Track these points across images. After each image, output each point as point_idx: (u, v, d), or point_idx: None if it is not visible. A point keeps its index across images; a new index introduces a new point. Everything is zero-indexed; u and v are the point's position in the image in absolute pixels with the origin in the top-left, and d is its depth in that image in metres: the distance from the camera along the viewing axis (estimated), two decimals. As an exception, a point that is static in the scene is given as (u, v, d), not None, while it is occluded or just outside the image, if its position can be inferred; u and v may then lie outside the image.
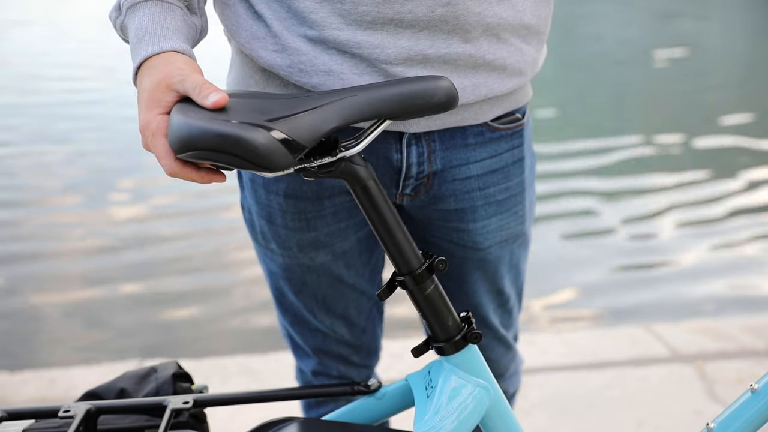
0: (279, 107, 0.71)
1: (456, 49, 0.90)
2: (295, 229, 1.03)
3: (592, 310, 2.90)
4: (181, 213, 3.98)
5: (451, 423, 0.79)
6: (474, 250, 1.07)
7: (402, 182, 0.99)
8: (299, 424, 0.85)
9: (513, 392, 1.34)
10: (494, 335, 1.19)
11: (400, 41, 0.88)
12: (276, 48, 0.91)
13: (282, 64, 0.91)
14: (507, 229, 1.08)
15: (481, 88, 0.94)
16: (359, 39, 0.88)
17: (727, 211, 3.67)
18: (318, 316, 1.15)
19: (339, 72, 0.89)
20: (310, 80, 0.90)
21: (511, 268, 1.14)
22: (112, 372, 2.02)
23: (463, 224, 1.05)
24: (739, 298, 2.95)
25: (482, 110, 0.98)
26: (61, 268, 3.39)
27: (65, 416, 0.85)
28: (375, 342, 1.24)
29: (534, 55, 1.00)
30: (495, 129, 1.01)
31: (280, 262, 1.09)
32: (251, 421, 0.90)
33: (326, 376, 1.23)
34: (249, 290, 3.09)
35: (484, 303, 1.14)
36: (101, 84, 6.44)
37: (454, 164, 1.00)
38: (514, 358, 1.28)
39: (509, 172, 1.05)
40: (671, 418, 1.98)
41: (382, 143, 0.96)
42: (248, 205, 1.09)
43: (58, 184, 4.41)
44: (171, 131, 0.71)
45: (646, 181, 4.18)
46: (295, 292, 1.13)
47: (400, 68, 0.89)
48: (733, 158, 4.48)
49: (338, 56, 0.89)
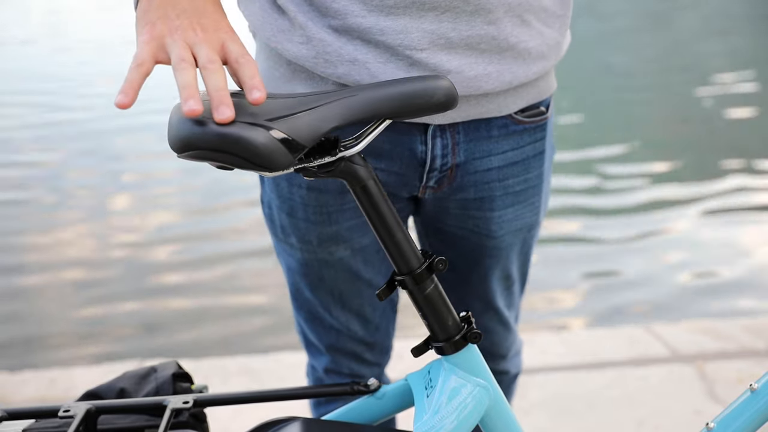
0: (279, 107, 0.71)
1: (479, 31, 0.90)
2: (316, 223, 1.03)
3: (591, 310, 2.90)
4: (182, 213, 3.98)
5: (450, 422, 0.79)
6: (488, 238, 1.09)
7: (426, 174, 1.00)
8: (299, 423, 0.85)
9: (515, 373, 1.36)
10: (499, 319, 1.22)
11: (422, 25, 0.89)
12: (301, 40, 0.92)
13: (308, 55, 0.92)
14: (522, 219, 1.09)
15: (505, 74, 0.94)
16: (382, 25, 0.88)
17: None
18: (333, 312, 1.15)
19: (364, 61, 0.90)
20: (336, 70, 0.91)
21: (521, 254, 1.16)
22: (112, 372, 2.02)
23: (480, 212, 1.06)
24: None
25: (506, 102, 0.99)
26: (61, 267, 3.39)
27: (65, 416, 0.85)
28: (388, 340, 1.25)
29: (557, 38, 1.00)
30: (519, 122, 1.02)
31: (298, 257, 1.10)
32: (251, 421, 0.90)
33: (338, 374, 1.24)
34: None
35: (493, 287, 1.16)
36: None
37: (477, 156, 1.01)
38: (515, 340, 1.31)
39: (529, 165, 1.06)
40: (671, 418, 1.98)
41: (408, 135, 0.97)
42: (268, 200, 1.10)
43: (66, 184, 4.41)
44: (170, 130, 0.71)
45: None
46: (311, 288, 1.13)
47: (424, 54, 0.89)
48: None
49: (363, 45, 0.90)
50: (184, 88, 0.69)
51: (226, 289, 3.16)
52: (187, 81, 0.70)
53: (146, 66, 0.72)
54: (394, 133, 0.96)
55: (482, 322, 1.22)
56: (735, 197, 3.88)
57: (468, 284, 1.17)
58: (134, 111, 0.86)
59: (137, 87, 0.71)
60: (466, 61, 0.91)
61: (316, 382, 1.29)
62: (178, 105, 0.73)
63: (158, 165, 4.63)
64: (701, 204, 3.79)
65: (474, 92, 0.93)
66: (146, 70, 0.72)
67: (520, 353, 1.36)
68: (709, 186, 4.02)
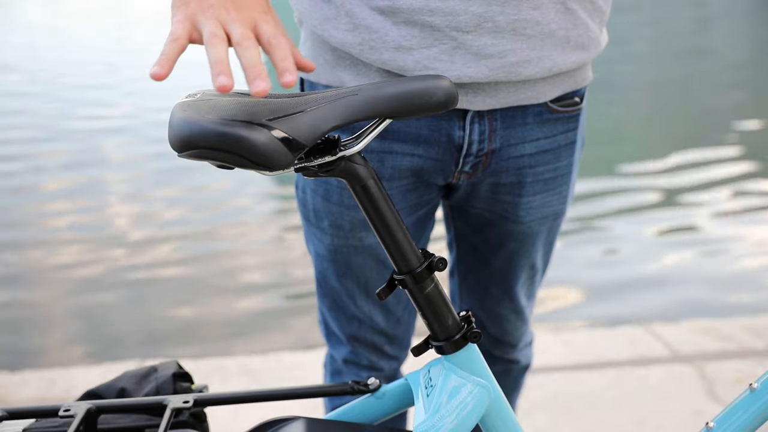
0: (279, 106, 0.71)
1: (525, 15, 0.92)
2: (350, 207, 1.05)
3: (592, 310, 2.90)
4: (182, 209, 3.98)
5: (450, 422, 0.79)
6: (515, 223, 1.10)
7: (462, 159, 1.01)
8: (299, 423, 0.85)
9: (525, 365, 1.37)
10: (514, 307, 1.23)
11: (471, 7, 0.90)
12: (348, 27, 0.94)
13: (353, 42, 0.94)
14: (549, 206, 1.11)
15: (545, 60, 0.95)
16: (432, 6, 0.90)
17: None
18: (358, 301, 1.16)
19: (408, 47, 0.92)
20: (381, 56, 0.93)
21: (546, 243, 1.17)
22: (112, 372, 2.03)
23: (509, 197, 1.07)
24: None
25: (544, 89, 1.00)
26: (61, 266, 3.39)
27: (65, 416, 0.85)
28: (408, 334, 1.26)
29: (597, 32, 1.01)
30: (554, 111, 1.03)
31: (328, 243, 1.11)
32: (251, 421, 0.90)
33: (356, 365, 1.25)
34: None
35: (516, 274, 1.18)
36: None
37: (512, 143, 1.02)
38: (527, 331, 1.32)
39: (560, 154, 1.07)
40: (671, 418, 1.98)
41: (447, 121, 0.99)
42: (303, 184, 1.11)
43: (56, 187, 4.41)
44: (171, 130, 0.72)
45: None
46: (338, 275, 1.14)
47: (470, 36, 0.91)
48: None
49: (407, 29, 0.92)
50: (216, 63, 0.71)
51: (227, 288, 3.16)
52: (218, 56, 0.71)
53: (181, 42, 0.74)
54: (432, 119, 0.98)
55: (497, 310, 1.23)
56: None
57: (490, 269, 1.19)
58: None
59: (173, 60, 0.73)
60: (510, 46, 0.93)
61: (335, 372, 1.30)
62: (178, 104, 0.73)
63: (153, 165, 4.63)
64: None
65: (514, 78, 0.95)
66: (181, 45, 0.74)
67: (530, 345, 1.37)
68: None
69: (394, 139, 1.00)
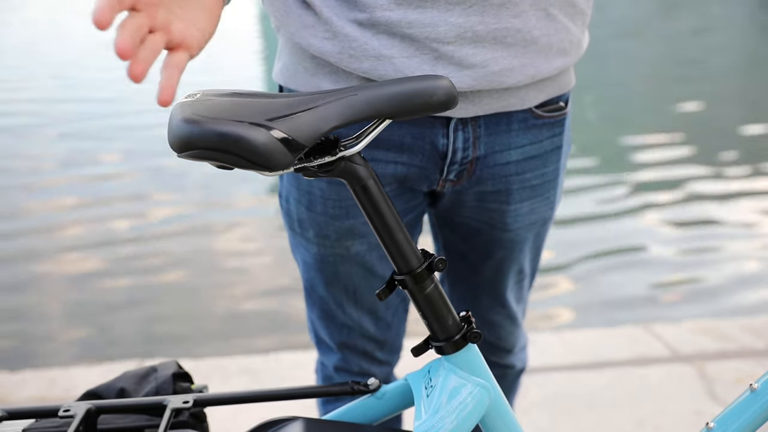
0: (279, 106, 0.71)
1: (505, 24, 0.91)
2: (335, 217, 1.04)
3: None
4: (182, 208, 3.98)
5: (450, 422, 0.79)
6: (503, 231, 1.10)
7: (447, 168, 1.00)
8: (299, 423, 0.85)
9: (521, 368, 1.37)
10: (507, 313, 1.23)
11: (450, 18, 0.89)
12: (326, 35, 0.92)
13: (333, 50, 0.92)
14: (537, 213, 1.10)
15: (528, 68, 0.94)
16: (410, 18, 0.89)
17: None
18: (346, 309, 1.16)
19: (389, 56, 0.90)
20: (361, 65, 0.92)
21: (533, 248, 1.16)
22: (112, 372, 2.02)
23: (496, 205, 1.07)
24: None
25: (528, 95, 0.99)
26: (61, 265, 3.39)
27: (65, 416, 0.85)
28: (398, 339, 1.25)
29: (579, 36, 1.00)
30: (539, 116, 1.03)
31: (314, 252, 1.10)
32: (251, 421, 0.90)
33: (347, 372, 1.24)
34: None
35: (505, 280, 1.17)
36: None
37: (496, 150, 1.01)
38: (521, 335, 1.31)
39: (547, 159, 1.06)
40: (671, 418, 1.98)
41: (430, 129, 0.97)
42: (286, 194, 1.09)
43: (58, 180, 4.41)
44: (170, 130, 0.71)
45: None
46: (326, 284, 1.13)
47: (451, 47, 0.90)
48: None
49: (388, 40, 0.90)
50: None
51: (227, 288, 3.16)
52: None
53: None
54: (416, 126, 0.97)
55: (489, 316, 1.22)
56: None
57: (479, 277, 1.18)
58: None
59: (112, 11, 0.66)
60: (492, 55, 0.92)
61: (326, 379, 1.30)
62: (178, 105, 0.73)
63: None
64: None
65: (497, 86, 0.94)
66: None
67: (525, 348, 1.37)
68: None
69: (377, 146, 0.98)
